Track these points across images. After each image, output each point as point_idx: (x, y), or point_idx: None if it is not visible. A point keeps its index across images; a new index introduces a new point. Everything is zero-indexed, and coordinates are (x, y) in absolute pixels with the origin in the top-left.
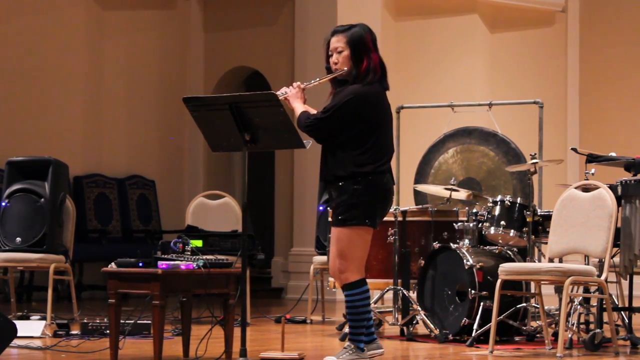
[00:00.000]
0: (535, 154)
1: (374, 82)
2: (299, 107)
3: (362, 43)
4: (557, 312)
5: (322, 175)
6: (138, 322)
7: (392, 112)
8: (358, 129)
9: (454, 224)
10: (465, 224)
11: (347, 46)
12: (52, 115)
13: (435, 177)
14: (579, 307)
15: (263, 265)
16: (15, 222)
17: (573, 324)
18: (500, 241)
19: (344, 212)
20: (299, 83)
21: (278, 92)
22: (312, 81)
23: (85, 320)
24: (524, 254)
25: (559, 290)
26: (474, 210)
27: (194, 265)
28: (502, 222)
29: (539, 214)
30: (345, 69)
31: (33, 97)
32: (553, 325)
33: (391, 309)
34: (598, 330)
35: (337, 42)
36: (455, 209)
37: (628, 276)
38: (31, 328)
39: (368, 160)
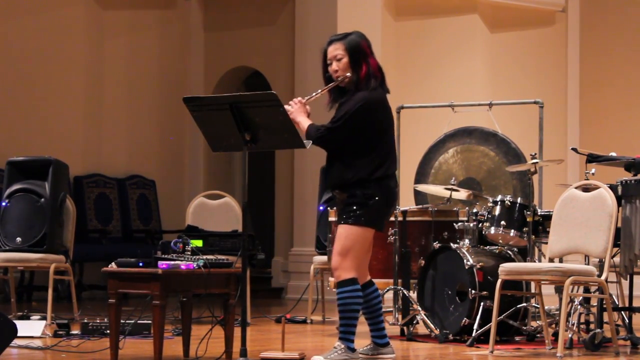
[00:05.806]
0: (535, 154)
1: (377, 87)
2: (304, 122)
3: (360, 49)
4: (557, 312)
5: (330, 182)
6: (138, 322)
7: (392, 112)
8: (368, 135)
9: (454, 224)
10: (466, 224)
11: (346, 53)
12: (52, 115)
13: (436, 177)
14: (579, 307)
15: (263, 265)
16: (15, 222)
17: (573, 324)
18: (500, 241)
19: (352, 212)
20: (299, 98)
21: None
22: (313, 94)
23: (85, 320)
24: (524, 254)
25: (559, 290)
26: (474, 210)
27: (194, 265)
28: (502, 222)
29: (539, 214)
30: (349, 74)
31: (33, 97)
32: (553, 325)
33: (391, 309)
34: (598, 330)
35: (336, 49)
36: (455, 209)
37: (628, 276)
38: (31, 328)
39: (378, 165)
